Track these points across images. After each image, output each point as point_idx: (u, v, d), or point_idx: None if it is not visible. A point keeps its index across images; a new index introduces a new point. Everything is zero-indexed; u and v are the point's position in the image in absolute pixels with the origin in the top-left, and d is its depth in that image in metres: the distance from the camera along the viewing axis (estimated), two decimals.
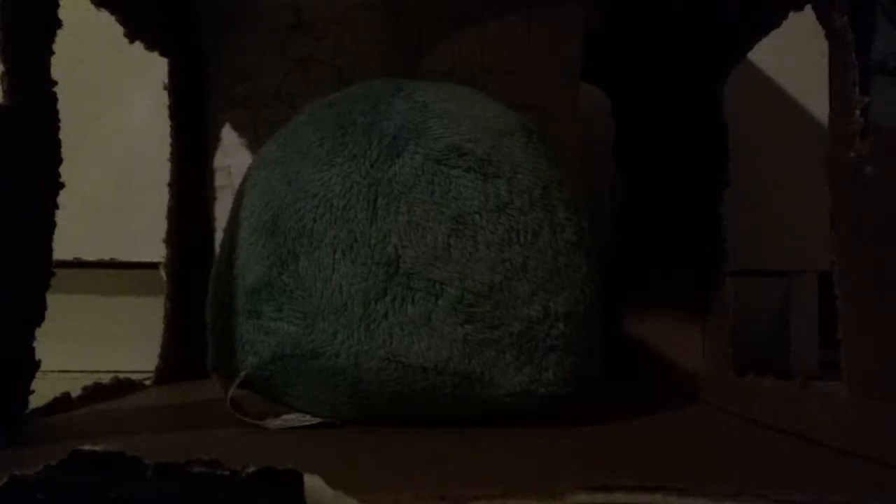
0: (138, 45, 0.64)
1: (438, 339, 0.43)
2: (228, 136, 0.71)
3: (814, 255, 0.85)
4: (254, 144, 0.69)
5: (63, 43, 0.47)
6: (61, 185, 0.47)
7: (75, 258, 0.83)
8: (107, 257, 0.85)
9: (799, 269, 0.89)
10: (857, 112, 0.40)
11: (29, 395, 0.45)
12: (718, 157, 0.63)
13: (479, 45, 0.69)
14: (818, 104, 0.86)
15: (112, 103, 0.85)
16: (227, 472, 0.29)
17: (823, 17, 0.44)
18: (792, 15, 0.52)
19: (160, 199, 0.69)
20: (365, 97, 0.49)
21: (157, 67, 0.69)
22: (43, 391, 0.46)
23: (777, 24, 0.55)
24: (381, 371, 0.43)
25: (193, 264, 0.69)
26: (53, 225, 0.47)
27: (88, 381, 0.55)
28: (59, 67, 0.46)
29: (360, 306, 0.43)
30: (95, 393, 0.54)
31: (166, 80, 0.69)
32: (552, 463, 0.38)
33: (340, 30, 0.69)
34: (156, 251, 0.69)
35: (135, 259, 0.84)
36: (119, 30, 0.60)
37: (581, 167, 0.69)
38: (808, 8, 0.46)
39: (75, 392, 0.52)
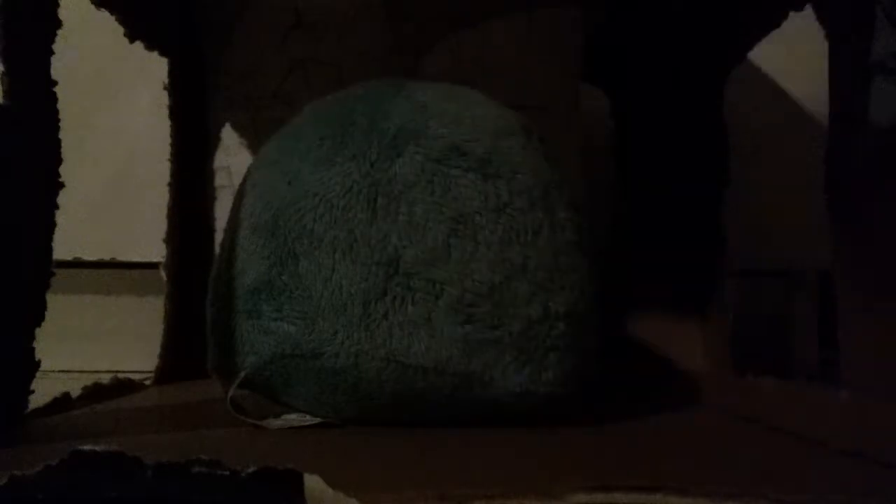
0: (138, 45, 0.64)
1: (438, 339, 0.43)
2: (228, 136, 0.71)
3: (814, 255, 0.85)
4: (254, 144, 0.69)
5: (63, 43, 0.47)
6: (61, 185, 0.47)
7: (75, 258, 0.83)
8: (107, 257, 0.85)
9: (799, 269, 0.89)
10: (857, 112, 0.40)
11: (29, 395, 0.45)
12: (719, 156, 0.63)
13: (479, 45, 0.69)
14: (818, 104, 0.86)
15: (112, 103, 0.85)
16: (227, 472, 0.29)
17: (823, 17, 0.44)
18: (792, 15, 0.52)
19: (160, 199, 0.69)
20: (365, 97, 0.49)
21: (157, 67, 0.69)
22: (43, 391, 0.46)
23: (777, 24, 0.55)
24: (381, 371, 0.43)
25: (193, 264, 0.69)
26: (53, 225, 0.47)
27: (88, 381, 0.55)
28: (59, 67, 0.46)
29: (360, 306, 0.43)
30: (95, 393, 0.54)
31: (166, 80, 0.69)
32: (552, 463, 0.38)
33: (340, 30, 0.69)
34: (156, 251, 0.69)
35: (135, 259, 0.84)
36: (119, 30, 0.60)
37: (581, 167, 0.69)
38: (808, 8, 0.46)
39: (75, 392, 0.52)
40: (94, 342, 0.85)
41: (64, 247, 0.48)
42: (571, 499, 0.29)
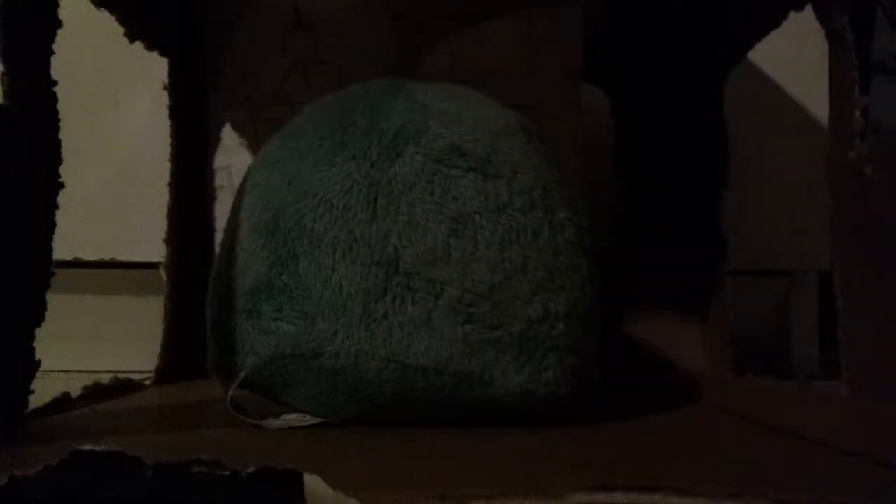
0: (138, 45, 0.64)
1: (438, 339, 0.43)
2: (228, 136, 0.71)
3: (814, 255, 0.85)
4: (254, 144, 0.69)
5: (63, 43, 0.47)
6: (61, 185, 0.47)
7: (75, 258, 0.83)
8: (107, 257, 0.85)
9: (799, 268, 0.89)
10: (857, 112, 0.40)
11: (29, 395, 0.45)
12: (719, 157, 0.63)
13: (479, 45, 0.69)
14: (818, 104, 0.86)
15: (112, 103, 0.85)
16: (227, 472, 0.29)
17: (823, 17, 0.44)
18: (792, 15, 0.52)
19: (160, 199, 0.69)
20: (365, 97, 0.49)
21: (157, 67, 0.69)
22: (43, 391, 0.46)
23: (777, 24, 0.55)
24: (381, 371, 0.43)
25: (193, 264, 0.69)
26: (53, 225, 0.47)
27: (88, 381, 0.55)
28: (59, 67, 0.46)
29: (360, 306, 0.43)
30: (95, 393, 0.54)
31: (166, 80, 0.69)
32: (552, 463, 0.38)
33: (340, 30, 0.69)
34: (156, 251, 0.69)
35: (135, 259, 0.84)
36: (119, 30, 0.60)
37: (581, 167, 0.69)
38: (808, 8, 0.46)
39: (75, 392, 0.52)
40: (94, 342, 0.85)
41: (64, 247, 0.48)
42: (571, 499, 0.29)
